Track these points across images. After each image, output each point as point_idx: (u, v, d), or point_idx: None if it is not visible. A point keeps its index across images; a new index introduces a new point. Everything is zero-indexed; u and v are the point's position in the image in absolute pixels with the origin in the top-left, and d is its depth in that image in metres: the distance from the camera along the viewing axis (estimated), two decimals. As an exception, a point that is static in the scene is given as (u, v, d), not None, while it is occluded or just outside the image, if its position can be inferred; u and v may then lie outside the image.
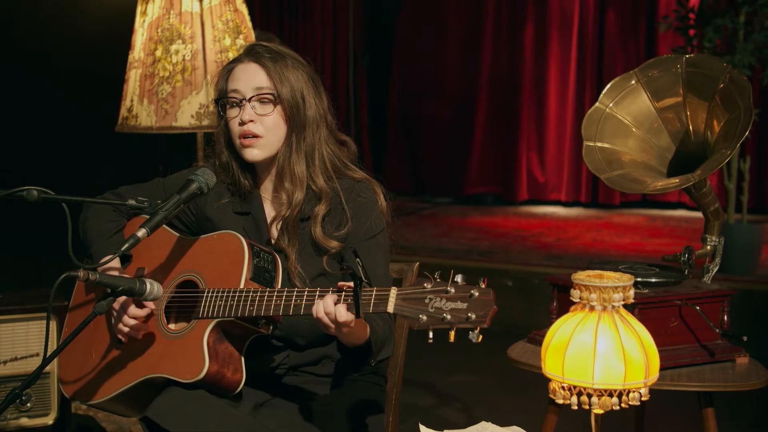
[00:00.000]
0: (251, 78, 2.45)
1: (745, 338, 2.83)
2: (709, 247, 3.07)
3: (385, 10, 11.79)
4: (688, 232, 9.16)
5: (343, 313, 2.08)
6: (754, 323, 2.87)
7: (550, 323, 3.00)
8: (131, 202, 2.31)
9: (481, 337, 1.92)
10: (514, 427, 2.15)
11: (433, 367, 4.94)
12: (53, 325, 3.34)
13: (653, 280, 2.91)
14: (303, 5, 11.30)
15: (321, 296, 2.13)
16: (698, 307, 2.81)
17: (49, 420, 3.46)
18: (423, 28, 11.42)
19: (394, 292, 2.01)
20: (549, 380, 2.13)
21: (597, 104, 3.07)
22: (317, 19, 11.31)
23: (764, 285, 6.94)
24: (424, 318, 1.95)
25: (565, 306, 2.97)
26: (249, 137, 2.42)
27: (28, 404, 3.39)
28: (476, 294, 1.93)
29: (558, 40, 10.85)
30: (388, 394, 2.66)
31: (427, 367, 4.82)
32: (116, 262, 2.42)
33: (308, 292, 2.16)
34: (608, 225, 9.72)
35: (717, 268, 3.09)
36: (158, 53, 3.55)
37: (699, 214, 10.51)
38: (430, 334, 1.95)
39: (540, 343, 3.00)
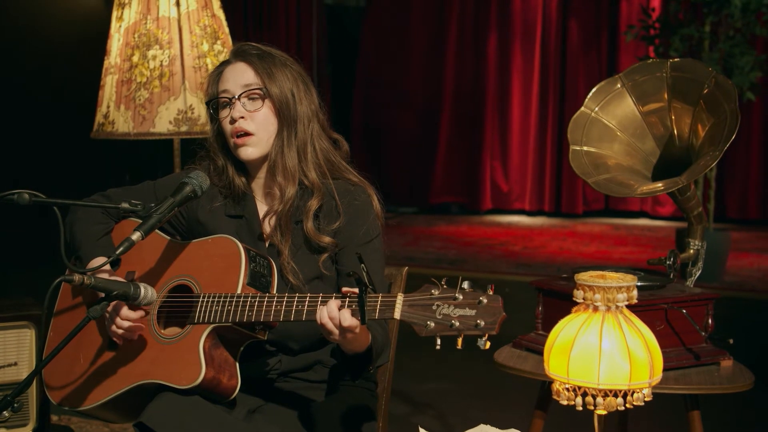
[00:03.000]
0: (239, 76, 2.44)
1: (731, 341, 2.84)
2: (692, 251, 3.08)
3: (349, 21, 11.80)
4: (651, 240, 9.26)
5: (348, 318, 2.04)
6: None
7: (536, 327, 3.01)
8: (125, 204, 2.27)
9: (488, 344, 1.91)
10: (512, 430, 2.14)
11: (406, 374, 4.91)
12: (32, 333, 3.27)
13: (639, 283, 2.91)
14: (267, 15, 11.28)
15: (324, 302, 2.09)
16: (684, 311, 2.82)
17: (28, 431, 3.38)
18: (386, 38, 11.44)
19: (400, 298, 1.98)
20: (551, 381, 2.12)
21: (582, 108, 3.07)
22: (281, 29, 11.30)
23: (731, 292, 7.03)
24: (432, 325, 1.93)
25: (550, 310, 2.97)
26: (242, 135, 2.41)
27: (6, 413, 3.31)
28: (485, 301, 1.91)
29: (521, 51, 10.92)
30: (378, 399, 2.64)
31: (400, 374, 4.79)
32: (106, 266, 2.37)
33: (310, 297, 2.13)
34: (573, 234, 9.78)
35: (700, 272, 3.10)
36: (135, 59, 3.51)
37: (661, 223, 10.58)
38: (438, 341, 1.93)
39: (526, 348, 3.01)
